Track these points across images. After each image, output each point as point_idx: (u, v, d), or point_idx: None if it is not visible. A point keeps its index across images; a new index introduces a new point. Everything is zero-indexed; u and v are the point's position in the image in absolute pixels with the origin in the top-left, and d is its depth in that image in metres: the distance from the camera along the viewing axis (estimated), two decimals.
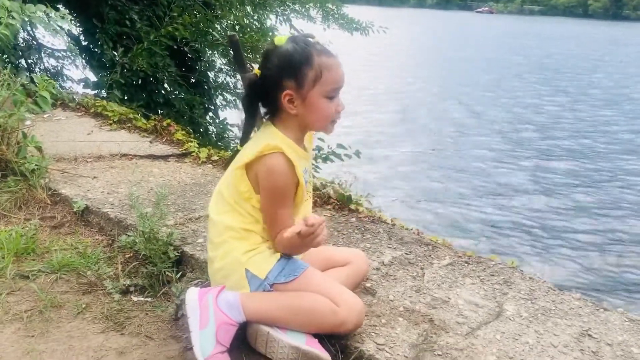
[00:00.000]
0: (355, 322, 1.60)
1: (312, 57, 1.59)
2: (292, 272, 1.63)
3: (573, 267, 6.52)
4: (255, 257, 1.66)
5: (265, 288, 1.63)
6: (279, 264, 1.65)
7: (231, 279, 1.67)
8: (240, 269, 1.65)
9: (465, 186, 9.34)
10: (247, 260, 1.65)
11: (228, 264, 1.67)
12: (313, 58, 1.59)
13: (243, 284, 1.64)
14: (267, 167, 1.59)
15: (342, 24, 8.37)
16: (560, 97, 19.67)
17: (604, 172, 10.95)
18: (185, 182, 3.03)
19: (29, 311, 1.82)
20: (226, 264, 1.68)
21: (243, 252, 1.66)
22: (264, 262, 1.65)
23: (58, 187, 2.80)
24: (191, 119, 7.03)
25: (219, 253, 1.69)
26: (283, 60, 1.60)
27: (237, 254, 1.65)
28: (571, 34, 51.95)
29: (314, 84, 1.60)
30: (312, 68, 1.59)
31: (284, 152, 1.58)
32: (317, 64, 1.59)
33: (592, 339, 1.71)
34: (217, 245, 1.70)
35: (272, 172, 1.59)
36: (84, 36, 7.14)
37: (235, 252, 1.66)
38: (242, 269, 1.64)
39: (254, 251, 1.66)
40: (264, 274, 1.63)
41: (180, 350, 1.64)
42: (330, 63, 1.61)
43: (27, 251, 2.21)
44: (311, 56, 1.59)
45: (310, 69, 1.59)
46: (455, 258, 2.24)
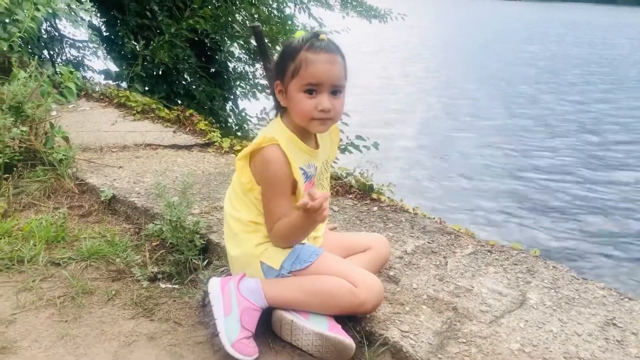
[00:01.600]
0: (374, 302, 1.63)
1: (297, 52, 1.61)
2: (307, 259, 1.67)
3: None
4: (269, 249, 1.70)
5: (283, 276, 1.67)
6: (292, 253, 1.68)
7: (248, 271, 1.72)
8: (255, 262, 1.70)
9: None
10: (260, 253, 1.70)
11: (243, 257, 1.73)
12: (298, 52, 1.61)
13: (260, 275, 1.69)
14: (262, 158, 1.62)
15: (360, 12, 8.34)
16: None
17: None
18: (209, 171, 3.07)
19: (61, 297, 1.87)
20: (241, 256, 1.73)
21: (255, 245, 1.70)
22: (277, 253, 1.69)
23: (85, 177, 2.86)
24: (211, 110, 7.07)
25: (233, 245, 1.75)
26: (280, 53, 1.68)
27: (250, 247, 1.70)
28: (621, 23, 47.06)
29: (292, 77, 1.62)
30: (293, 61, 1.61)
31: (279, 144, 1.60)
32: (299, 58, 1.60)
33: (616, 328, 1.71)
34: (230, 237, 1.76)
35: (265, 163, 1.62)
36: (105, 27, 7.21)
37: (247, 245, 1.71)
38: (257, 262, 1.69)
39: (266, 244, 1.71)
40: (279, 264, 1.67)
41: (209, 336, 1.68)
42: (313, 59, 1.59)
43: (57, 239, 2.27)
44: (297, 51, 1.61)
45: (291, 62, 1.61)
46: (478, 247, 2.25)
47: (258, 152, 1.63)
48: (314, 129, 1.67)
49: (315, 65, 1.59)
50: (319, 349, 1.58)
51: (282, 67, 1.64)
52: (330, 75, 1.61)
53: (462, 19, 44.57)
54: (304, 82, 1.60)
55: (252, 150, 1.63)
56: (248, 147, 1.66)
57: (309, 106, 1.61)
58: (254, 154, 1.64)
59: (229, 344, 1.54)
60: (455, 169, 8.92)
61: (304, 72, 1.59)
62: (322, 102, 1.60)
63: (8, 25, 3.40)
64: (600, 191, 8.14)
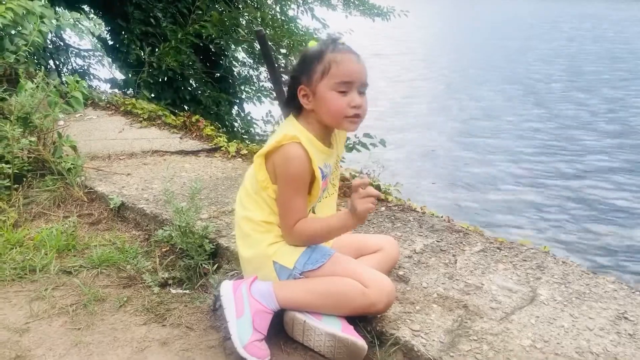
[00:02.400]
0: (385, 302, 1.63)
1: (323, 53, 1.65)
2: (319, 259, 1.67)
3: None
4: (281, 248, 1.71)
5: (295, 277, 1.67)
6: (305, 253, 1.69)
7: (261, 272, 1.72)
8: (268, 262, 1.70)
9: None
10: (273, 252, 1.70)
11: (256, 257, 1.73)
12: (324, 54, 1.64)
13: (273, 276, 1.70)
14: (284, 155, 1.63)
15: (362, 10, 8.35)
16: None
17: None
18: (216, 176, 3.08)
19: (74, 305, 1.89)
20: (254, 256, 1.74)
21: (268, 244, 1.71)
22: (290, 252, 1.70)
23: (94, 185, 2.88)
24: (217, 115, 7.10)
25: (245, 246, 1.76)
26: (301, 59, 1.71)
27: (263, 247, 1.71)
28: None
29: (321, 77, 1.64)
30: (320, 62, 1.64)
31: (301, 142, 1.62)
32: (327, 59, 1.64)
33: (628, 322, 1.70)
34: (242, 238, 1.77)
35: (287, 160, 1.63)
36: (110, 35, 7.26)
37: (260, 245, 1.71)
38: (270, 262, 1.70)
39: (278, 243, 1.71)
40: (292, 263, 1.67)
41: (221, 340, 1.69)
42: (342, 58, 1.64)
43: (68, 247, 2.29)
44: (323, 52, 1.65)
45: (318, 64, 1.64)
46: (486, 244, 2.25)
47: (279, 149, 1.63)
48: (346, 127, 1.70)
49: (345, 64, 1.64)
50: (331, 350, 1.59)
51: (307, 70, 1.66)
52: (360, 74, 1.66)
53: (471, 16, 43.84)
54: (337, 81, 1.63)
55: (272, 147, 1.64)
56: (268, 145, 1.66)
57: (342, 104, 1.64)
58: (273, 151, 1.65)
59: (241, 346, 1.55)
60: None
61: (335, 71, 1.63)
62: (355, 98, 1.64)
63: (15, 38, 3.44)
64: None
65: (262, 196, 1.71)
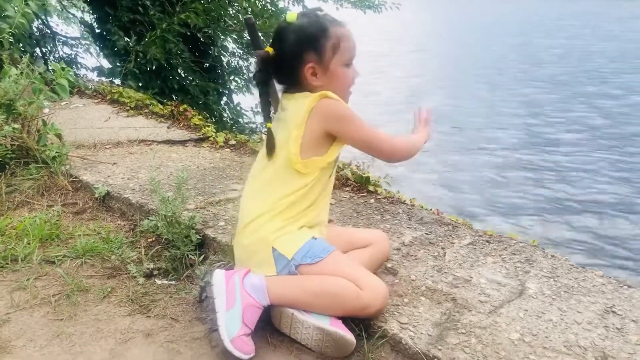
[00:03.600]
0: (378, 306, 1.60)
1: (328, 29, 1.65)
2: (318, 254, 1.64)
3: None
4: (284, 236, 1.67)
5: (291, 269, 1.63)
6: (305, 246, 1.65)
7: (257, 257, 1.68)
8: (267, 247, 1.66)
9: None
10: (275, 239, 1.66)
11: (255, 242, 1.69)
12: (329, 29, 1.65)
13: (269, 262, 1.66)
14: (326, 108, 1.64)
15: (354, 2, 8.30)
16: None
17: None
18: (204, 166, 3.05)
19: (56, 295, 1.85)
20: (254, 241, 1.69)
21: (272, 230, 1.67)
22: (292, 242, 1.66)
23: (79, 174, 2.84)
24: (206, 104, 7.04)
25: (248, 230, 1.70)
26: (301, 34, 1.65)
27: (266, 232, 1.67)
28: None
29: (333, 54, 1.65)
30: (329, 39, 1.65)
31: (329, 95, 1.64)
32: (333, 34, 1.65)
33: (616, 316, 1.70)
34: (247, 223, 1.71)
35: (334, 107, 1.65)
36: (97, 24, 7.16)
37: (263, 230, 1.67)
38: (269, 247, 1.65)
39: (282, 230, 1.67)
40: (291, 254, 1.64)
41: (206, 332, 1.67)
42: (344, 32, 1.68)
43: (52, 237, 2.25)
44: (327, 27, 1.65)
45: (328, 40, 1.65)
46: (475, 237, 2.24)
47: (316, 111, 1.64)
48: (348, 99, 1.75)
49: (350, 39, 1.69)
50: (319, 344, 1.57)
51: (315, 47, 1.64)
52: (356, 46, 1.72)
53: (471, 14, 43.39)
54: (348, 56, 1.68)
55: (308, 112, 1.63)
56: (299, 115, 1.64)
57: (350, 77, 1.73)
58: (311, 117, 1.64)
59: (229, 339, 1.51)
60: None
61: (344, 47, 1.66)
62: (356, 70, 1.74)
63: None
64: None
65: (291, 171, 1.68)
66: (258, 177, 1.76)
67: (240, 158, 3.24)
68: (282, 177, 1.69)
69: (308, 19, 1.67)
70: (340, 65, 1.68)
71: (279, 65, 1.69)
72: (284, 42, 1.67)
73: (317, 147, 1.68)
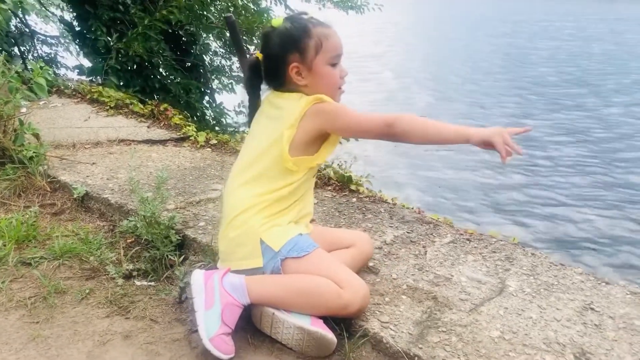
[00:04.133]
0: (359, 305, 1.60)
1: (309, 29, 1.69)
2: (304, 248, 1.64)
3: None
4: (272, 229, 1.67)
5: (276, 264, 1.63)
6: (292, 240, 1.66)
7: (244, 249, 1.67)
8: (255, 238, 1.66)
9: None
10: (263, 230, 1.66)
11: (243, 233, 1.68)
12: (311, 29, 1.69)
13: (256, 253, 1.65)
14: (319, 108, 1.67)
15: (336, 3, 8.30)
16: None
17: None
18: (184, 166, 3.02)
19: (32, 297, 1.82)
20: (242, 232, 1.68)
21: (260, 222, 1.67)
22: (280, 235, 1.66)
23: (57, 174, 2.79)
24: (187, 103, 6.99)
25: (236, 223, 1.69)
26: (284, 37, 1.70)
27: (254, 224, 1.67)
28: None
29: (316, 53, 1.69)
30: (311, 38, 1.68)
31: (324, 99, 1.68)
32: (315, 34, 1.69)
33: (594, 313, 1.71)
34: (234, 217, 1.70)
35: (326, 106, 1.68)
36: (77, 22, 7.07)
37: (252, 221, 1.67)
38: (257, 239, 1.65)
39: (271, 223, 1.68)
40: (279, 246, 1.64)
41: (186, 333, 1.65)
42: (327, 32, 1.71)
43: (28, 238, 2.21)
44: (308, 28, 1.69)
45: (310, 40, 1.68)
46: (456, 236, 2.24)
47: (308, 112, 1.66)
48: (338, 98, 1.78)
49: (333, 38, 1.72)
50: (299, 343, 1.56)
51: (298, 47, 1.69)
52: (342, 45, 1.75)
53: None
54: (331, 55, 1.71)
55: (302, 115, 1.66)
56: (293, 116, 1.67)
57: (337, 76, 1.75)
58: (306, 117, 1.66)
59: (207, 338, 1.50)
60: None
61: (327, 46, 1.70)
62: (343, 69, 1.76)
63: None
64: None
65: (279, 170, 1.70)
66: (244, 173, 1.75)
67: (221, 158, 3.22)
68: (271, 173, 1.71)
69: (291, 21, 1.72)
70: (324, 64, 1.70)
71: (266, 68, 1.76)
72: (269, 46, 1.74)
73: (307, 147, 1.71)
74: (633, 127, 11.16)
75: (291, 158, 1.68)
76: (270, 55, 1.74)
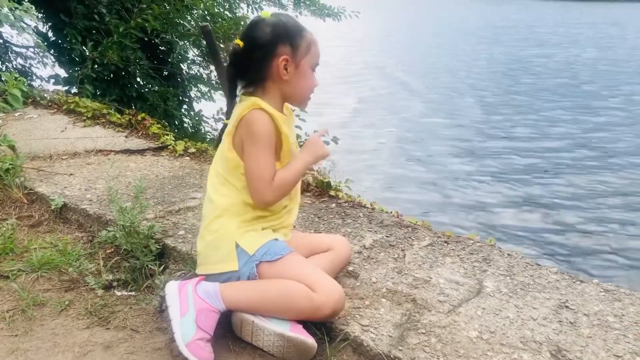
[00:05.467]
0: (332, 308, 1.59)
1: (303, 31, 1.72)
2: (278, 252, 1.66)
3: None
4: (248, 233, 1.69)
5: (252, 270, 1.64)
6: (266, 244, 1.67)
7: (220, 252, 1.69)
8: (230, 242, 1.67)
9: None
10: (239, 235, 1.68)
11: (219, 237, 1.70)
12: (304, 32, 1.72)
13: (232, 256, 1.66)
14: (247, 122, 1.65)
15: (313, 11, 8.36)
16: None
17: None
18: (163, 175, 3.01)
19: (10, 311, 1.80)
20: (218, 236, 1.70)
21: (236, 227, 1.69)
22: (255, 239, 1.68)
23: (34, 186, 2.77)
24: (165, 111, 6.97)
25: (213, 227, 1.71)
26: (279, 27, 1.68)
27: (231, 228, 1.69)
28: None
29: (306, 53, 1.71)
30: (304, 39, 1.70)
31: (262, 107, 1.65)
32: (308, 37, 1.72)
33: (569, 311, 1.75)
34: (211, 220, 1.72)
35: (252, 123, 1.64)
36: (52, 32, 7.01)
37: (228, 225, 1.69)
38: (233, 242, 1.67)
39: (246, 228, 1.70)
40: (253, 250, 1.65)
41: (167, 342, 1.65)
42: (314, 40, 1.75)
43: (6, 251, 2.18)
44: (303, 30, 1.72)
45: (303, 40, 1.70)
46: (434, 238, 2.28)
47: (241, 121, 1.66)
48: (304, 105, 1.81)
49: (318, 46, 1.76)
50: (280, 350, 1.57)
51: (292, 42, 1.69)
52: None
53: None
54: (315, 60, 1.75)
55: (238, 119, 1.66)
56: (233, 121, 1.68)
57: (313, 83, 1.77)
58: (239, 126, 1.67)
59: (184, 343, 1.50)
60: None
61: (314, 51, 1.73)
62: (317, 79, 1.78)
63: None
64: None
65: (235, 176, 1.70)
66: (215, 178, 1.78)
67: (200, 166, 3.22)
68: (232, 179, 1.72)
69: (284, 17, 1.74)
70: (309, 66, 1.74)
71: (248, 57, 1.68)
72: (258, 33, 1.67)
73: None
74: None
75: (242, 162, 1.68)
76: (257, 44, 1.66)
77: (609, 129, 11.30)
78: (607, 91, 15.08)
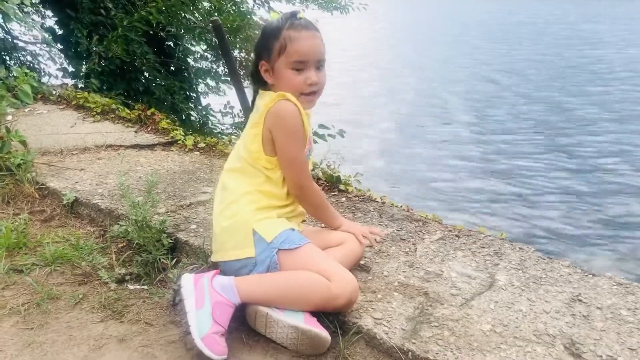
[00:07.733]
0: (348, 298, 1.61)
1: (280, 30, 1.70)
2: (296, 241, 1.68)
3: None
4: (265, 220, 1.71)
5: (272, 259, 1.65)
6: (284, 233, 1.69)
7: (236, 238, 1.70)
8: (247, 228, 1.69)
9: None
10: (256, 221, 1.69)
11: (236, 222, 1.71)
12: (281, 31, 1.70)
13: (248, 243, 1.68)
14: (276, 111, 1.69)
15: (320, 4, 8.32)
16: None
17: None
18: (173, 170, 3.02)
19: (26, 304, 1.82)
20: (234, 222, 1.71)
21: (252, 213, 1.70)
22: (272, 227, 1.70)
23: (45, 181, 2.78)
24: (172, 105, 6.98)
25: (228, 213, 1.73)
26: (261, 34, 1.76)
27: (247, 214, 1.70)
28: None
29: (279, 55, 1.71)
30: (277, 40, 1.70)
31: (288, 98, 1.68)
32: (283, 36, 1.70)
33: (582, 304, 1.75)
34: (227, 205, 1.74)
35: (281, 112, 1.69)
36: (58, 26, 7.03)
37: (244, 211, 1.71)
38: (250, 228, 1.68)
39: (264, 214, 1.72)
40: (271, 238, 1.67)
41: (181, 335, 1.66)
42: (298, 36, 1.70)
43: (19, 245, 2.20)
44: (280, 29, 1.71)
45: (275, 41, 1.70)
46: (445, 232, 2.28)
47: (270, 112, 1.69)
48: (302, 104, 1.74)
49: (300, 42, 1.70)
50: (294, 342, 1.58)
51: (267, 47, 1.72)
52: (315, 51, 1.73)
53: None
54: (292, 59, 1.71)
55: (267, 109, 1.69)
56: (259, 112, 1.71)
57: (298, 81, 1.72)
58: (266, 118, 1.70)
59: (199, 337, 1.51)
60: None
61: (290, 50, 1.70)
62: (310, 76, 1.73)
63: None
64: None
65: (256, 166, 1.74)
66: (232, 166, 1.81)
67: (210, 161, 3.23)
68: (250, 170, 1.75)
69: (273, 21, 1.75)
70: (285, 67, 1.72)
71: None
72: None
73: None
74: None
75: (265, 156, 1.73)
76: (254, 52, 1.81)
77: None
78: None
